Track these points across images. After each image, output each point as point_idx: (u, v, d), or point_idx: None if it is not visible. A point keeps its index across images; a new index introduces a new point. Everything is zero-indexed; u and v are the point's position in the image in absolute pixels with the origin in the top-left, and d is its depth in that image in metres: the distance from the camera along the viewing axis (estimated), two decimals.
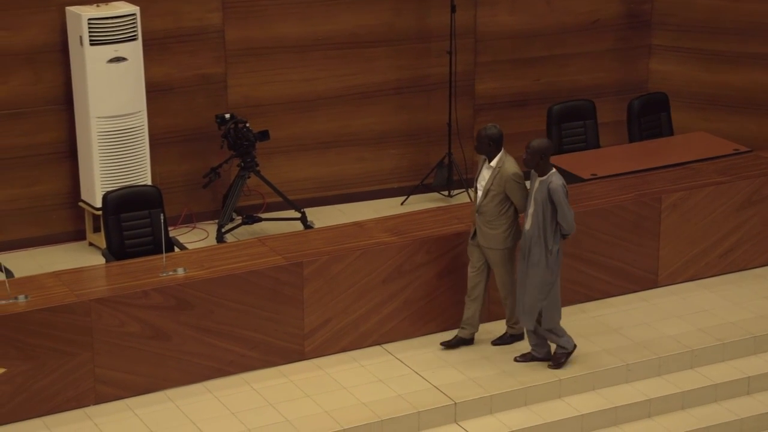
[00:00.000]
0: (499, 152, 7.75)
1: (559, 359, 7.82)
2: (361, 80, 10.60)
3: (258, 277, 7.78)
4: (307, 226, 10.01)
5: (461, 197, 10.80)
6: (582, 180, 9.37)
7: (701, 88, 11.24)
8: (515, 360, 7.88)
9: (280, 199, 10.14)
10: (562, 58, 11.19)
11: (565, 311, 8.66)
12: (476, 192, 7.86)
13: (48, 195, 9.77)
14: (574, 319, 8.54)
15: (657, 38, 11.39)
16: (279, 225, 10.10)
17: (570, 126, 10.33)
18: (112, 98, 9.42)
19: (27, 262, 9.36)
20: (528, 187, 7.75)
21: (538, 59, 11.11)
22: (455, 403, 7.57)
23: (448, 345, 8.06)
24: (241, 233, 10.01)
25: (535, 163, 7.58)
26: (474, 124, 11.07)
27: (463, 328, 8.07)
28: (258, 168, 9.96)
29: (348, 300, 8.05)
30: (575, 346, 7.86)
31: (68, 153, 9.76)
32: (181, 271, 7.72)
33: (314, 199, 10.62)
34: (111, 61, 9.35)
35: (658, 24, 11.35)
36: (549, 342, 7.87)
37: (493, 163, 7.75)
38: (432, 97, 10.87)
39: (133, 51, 9.45)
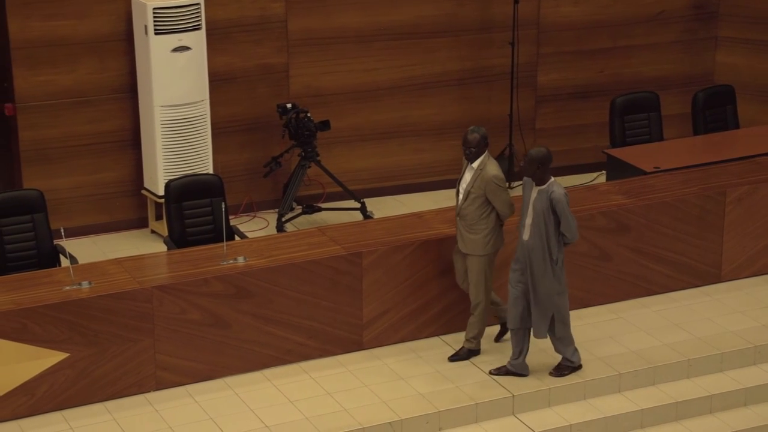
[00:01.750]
0: (482, 154, 7.54)
1: (562, 370, 7.63)
2: (421, 71, 10.58)
3: (317, 266, 7.80)
4: (367, 216, 10.02)
5: (521, 189, 10.72)
6: (644, 173, 9.27)
7: None
8: (491, 372, 7.66)
9: (339, 189, 10.16)
10: (627, 50, 11.07)
11: (627, 305, 8.61)
12: (458, 195, 7.65)
13: (112, 183, 9.89)
14: (635, 314, 8.46)
15: (724, 30, 11.22)
16: (338, 215, 10.12)
17: (633, 118, 10.22)
18: (176, 87, 9.51)
19: (90, 249, 9.49)
20: (508, 192, 7.55)
21: (602, 50, 11.00)
22: (513, 396, 7.54)
23: (456, 358, 7.83)
24: (300, 223, 10.05)
25: (532, 172, 7.32)
26: (535, 116, 11.00)
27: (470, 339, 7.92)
28: (318, 158, 9.99)
29: (407, 291, 8.05)
30: (581, 363, 7.66)
31: (132, 141, 9.87)
32: (241, 260, 7.77)
33: (374, 189, 10.63)
34: (175, 50, 9.43)
35: (726, 15, 11.17)
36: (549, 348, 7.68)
37: (475, 164, 7.53)
38: (493, 88, 10.81)
39: (197, 40, 9.52)
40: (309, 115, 9.92)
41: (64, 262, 7.96)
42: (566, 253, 8.36)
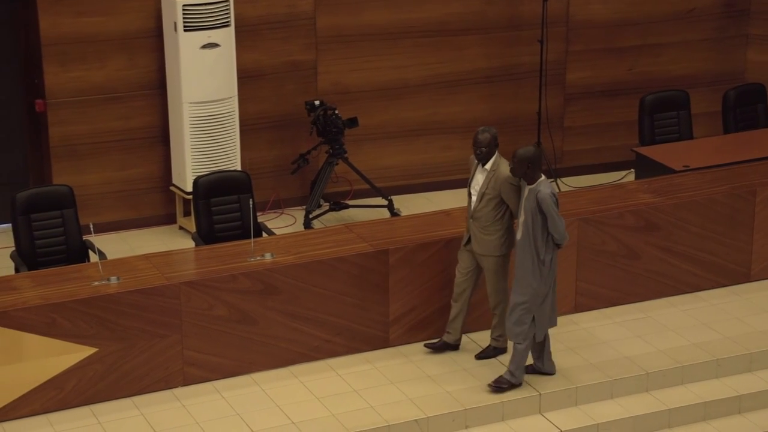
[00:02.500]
0: (493, 155, 7.49)
1: (501, 384, 7.45)
2: (450, 68, 10.57)
3: (344, 263, 7.81)
4: (394, 213, 10.02)
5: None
6: (674, 171, 9.22)
7: None
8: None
9: (367, 186, 10.16)
10: (656, 48, 11.01)
11: (655, 304, 8.56)
12: (470, 197, 7.58)
13: (140, 179, 9.94)
14: (664, 313, 8.41)
15: (755, 28, 11.13)
16: (366, 212, 10.13)
17: (663, 116, 10.17)
18: (205, 84, 9.54)
19: (119, 245, 9.54)
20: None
21: (631, 48, 10.95)
22: (540, 394, 7.52)
23: (433, 347, 7.86)
24: (328, 219, 10.06)
25: (522, 172, 7.22)
26: (564, 114, 10.96)
27: (448, 332, 7.90)
28: (346, 155, 10.00)
29: (433, 288, 8.04)
30: (521, 383, 7.48)
31: (161, 137, 9.91)
32: (268, 256, 7.79)
33: (401, 186, 10.62)
34: (204, 47, 9.46)
35: (757, 13, 11.09)
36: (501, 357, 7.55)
37: (488, 166, 7.47)
38: (521, 86, 10.78)
39: (226, 37, 9.55)
40: (337, 112, 9.93)
41: (93, 257, 8.00)
42: (594, 252, 8.34)
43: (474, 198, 7.58)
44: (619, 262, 8.48)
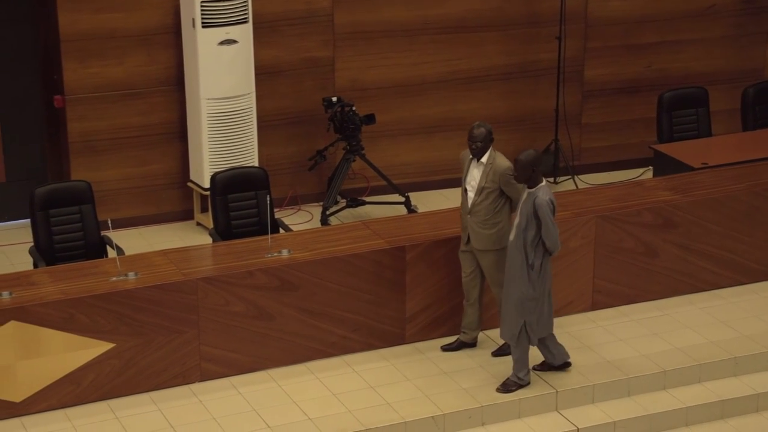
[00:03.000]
0: (488, 149, 7.49)
1: (509, 387, 7.44)
2: (468, 65, 10.55)
3: (361, 260, 7.81)
4: (411, 210, 10.02)
5: (567, 184, 10.68)
6: (692, 169, 9.18)
7: None
8: (533, 368, 7.57)
9: (384, 182, 10.16)
10: (675, 45, 10.96)
11: (673, 302, 8.53)
12: (465, 193, 7.57)
13: (158, 175, 9.97)
14: (681, 311, 8.38)
15: None
16: (383, 209, 10.13)
17: (681, 114, 10.12)
18: (222, 80, 9.56)
19: (137, 240, 9.57)
20: None
21: (649, 45, 10.90)
22: (557, 392, 7.50)
23: (450, 349, 7.87)
24: (345, 216, 10.06)
25: (527, 176, 7.17)
26: (582, 111, 10.93)
27: (464, 332, 7.89)
28: (363, 151, 10.00)
29: (450, 285, 8.03)
30: (529, 383, 7.48)
31: (179, 133, 9.94)
32: (285, 253, 7.80)
33: (418, 183, 10.61)
34: (222, 43, 9.48)
35: None
36: (513, 357, 7.45)
37: (483, 159, 7.47)
38: (539, 82, 10.75)
39: (244, 33, 9.57)
40: (354, 108, 9.93)
41: (111, 253, 8.03)
42: (611, 249, 8.32)
43: (471, 194, 7.57)
44: (636, 260, 8.45)
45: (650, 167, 10.22)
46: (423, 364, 7.79)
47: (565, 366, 7.64)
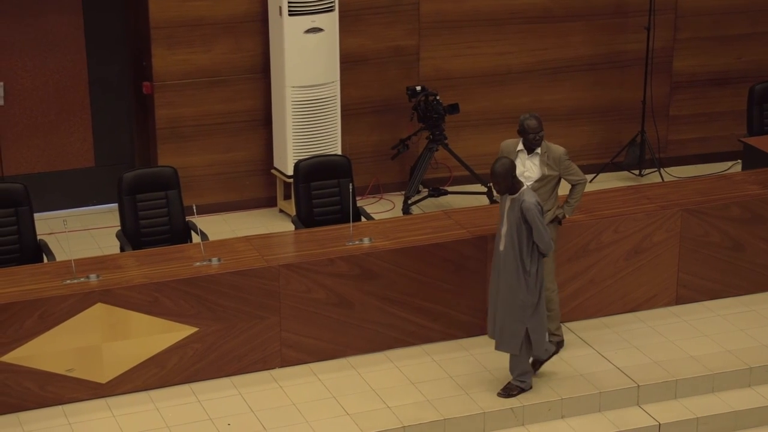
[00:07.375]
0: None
1: (510, 391, 7.32)
2: (554, 55, 10.45)
3: (442, 249, 7.80)
4: (493, 200, 9.97)
5: (653, 177, 10.53)
6: None
7: None
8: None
9: (467, 172, 10.13)
10: (766, 36, 10.72)
11: (760, 298, 8.36)
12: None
13: (243, 161, 10.07)
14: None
15: None
16: (465, 198, 10.10)
17: None
18: (308, 68, 9.61)
19: (220, 226, 9.69)
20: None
21: (740, 36, 10.68)
22: (638, 386, 7.41)
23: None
24: (426, 205, 10.06)
25: (508, 185, 7.02)
26: (669, 103, 10.76)
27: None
28: (446, 141, 9.97)
29: None
30: (531, 387, 7.35)
31: (263, 121, 10.02)
32: (366, 241, 7.82)
33: None
34: (308, 31, 9.52)
35: None
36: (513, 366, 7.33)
37: (539, 150, 7.42)
38: (627, 73, 10.61)
39: (330, 22, 9.60)
40: (438, 98, 9.91)
41: (195, 238, 8.14)
42: (697, 243, 8.19)
43: (528, 184, 7.42)
44: (722, 254, 8.31)
45: (739, 161, 10.03)
46: (501, 355, 7.75)
47: (554, 354, 7.48)
